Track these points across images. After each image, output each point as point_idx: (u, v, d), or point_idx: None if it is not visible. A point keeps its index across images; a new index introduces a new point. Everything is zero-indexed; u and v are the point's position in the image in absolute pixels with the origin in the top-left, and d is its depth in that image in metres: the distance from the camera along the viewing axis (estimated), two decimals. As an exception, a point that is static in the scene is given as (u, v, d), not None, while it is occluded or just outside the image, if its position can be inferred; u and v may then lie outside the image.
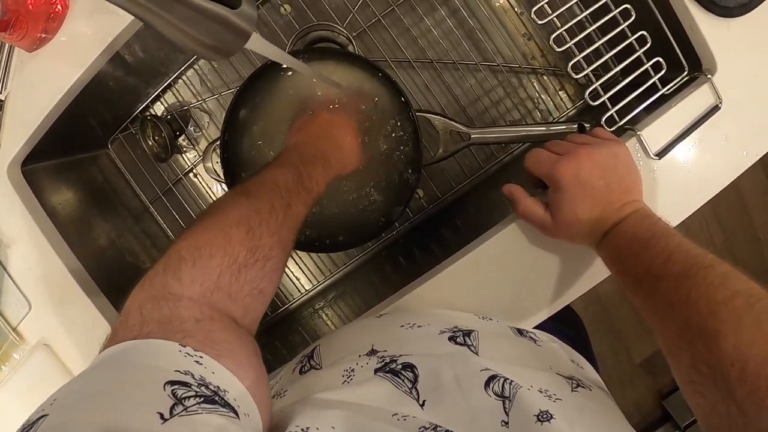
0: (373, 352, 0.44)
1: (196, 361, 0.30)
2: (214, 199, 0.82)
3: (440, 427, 0.33)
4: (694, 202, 0.57)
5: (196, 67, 0.77)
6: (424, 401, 0.37)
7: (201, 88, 0.78)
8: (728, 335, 0.35)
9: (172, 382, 0.28)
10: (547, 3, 0.55)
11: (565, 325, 0.62)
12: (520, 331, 0.52)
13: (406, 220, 0.78)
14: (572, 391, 0.40)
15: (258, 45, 0.38)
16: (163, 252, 0.79)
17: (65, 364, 0.68)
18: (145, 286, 0.36)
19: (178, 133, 0.77)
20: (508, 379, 0.37)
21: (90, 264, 0.68)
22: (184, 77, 0.77)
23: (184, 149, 0.81)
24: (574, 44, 0.56)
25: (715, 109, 0.55)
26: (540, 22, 0.55)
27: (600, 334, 1.47)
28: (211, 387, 0.29)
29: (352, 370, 0.42)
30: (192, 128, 0.79)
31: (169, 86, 0.78)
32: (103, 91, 0.69)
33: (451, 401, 0.36)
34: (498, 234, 0.56)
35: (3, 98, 0.61)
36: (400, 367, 0.40)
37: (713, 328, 0.36)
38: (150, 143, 0.75)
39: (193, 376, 0.29)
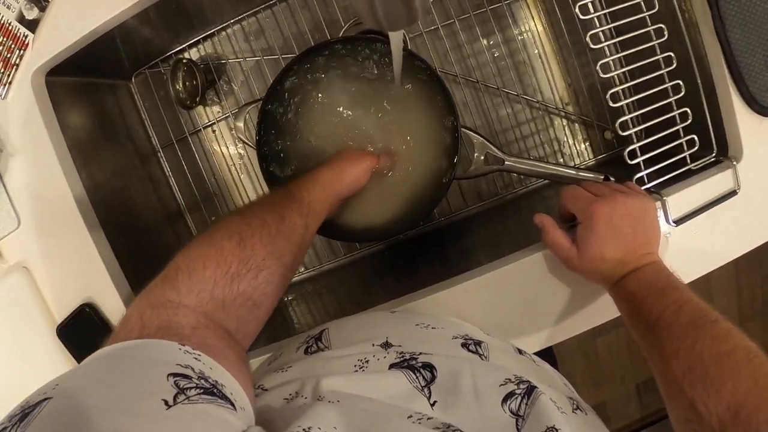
0: (387, 345, 0.44)
1: (195, 358, 0.32)
2: (227, 158, 0.80)
3: (452, 426, 0.33)
4: (693, 273, 0.62)
5: (244, 23, 0.75)
6: (434, 402, 0.37)
7: (243, 46, 0.76)
8: (728, 382, 0.40)
9: (175, 374, 0.29)
10: (612, 60, 0.59)
11: (541, 353, 0.65)
12: (519, 350, 0.54)
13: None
14: (573, 411, 0.42)
15: (397, 35, 0.38)
16: (164, 202, 0.77)
17: (41, 291, 0.64)
18: (145, 296, 0.39)
19: (209, 84, 0.75)
20: (528, 389, 0.37)
21: (91, 194, 0.65)
22: (228, 30, 0.75)
23: (209, 102, 0.78)
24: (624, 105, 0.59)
25: (732, 193, 0.60)
26: (603, 76, 0.58)
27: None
28: (210, 380, 0.31)
29: (367, 361, 0.41)
30: (223, 84, 0.77)
31: (211, 35, 0.75)
32: (146, 23, 0.66)
33: (463, 407, 0.37)
34: (521, 260, 0.59)
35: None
36: (420, 365, 0.40)
37: (715, 375, 0.41)
38: (178, 87, 0.72)
39: (193, 370, 0.31)
